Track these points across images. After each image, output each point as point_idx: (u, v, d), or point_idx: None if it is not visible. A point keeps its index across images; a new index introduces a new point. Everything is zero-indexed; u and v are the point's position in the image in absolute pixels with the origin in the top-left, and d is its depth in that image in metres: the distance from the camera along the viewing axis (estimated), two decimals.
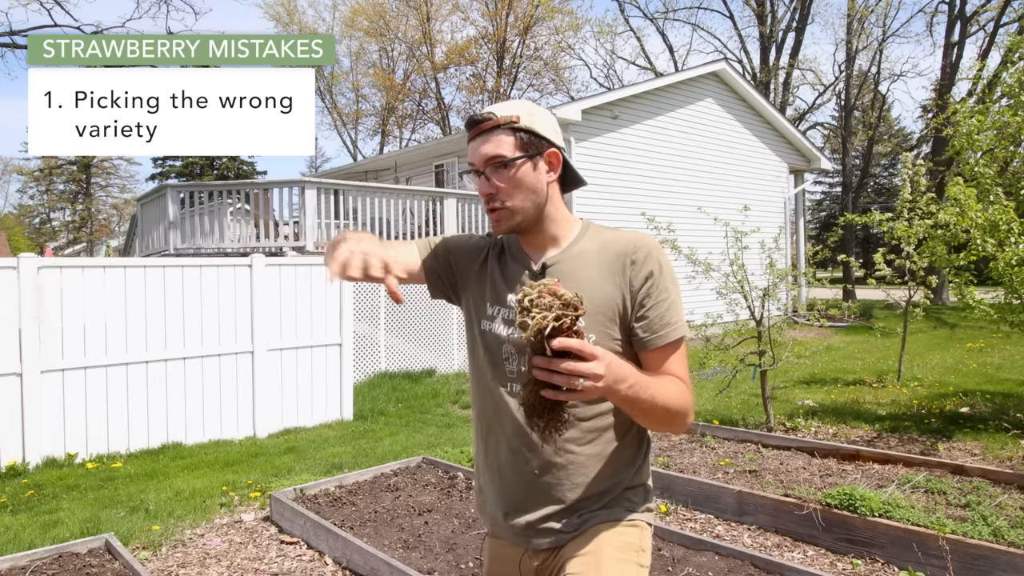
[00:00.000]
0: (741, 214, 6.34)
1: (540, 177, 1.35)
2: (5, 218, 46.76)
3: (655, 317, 1.31)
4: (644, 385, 1.16)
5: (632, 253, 1.33)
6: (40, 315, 5.14)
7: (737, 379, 6.54)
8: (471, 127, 1.35)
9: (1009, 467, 4.42)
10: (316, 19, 33.33)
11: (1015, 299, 5.41)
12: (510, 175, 1.32)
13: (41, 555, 3.23)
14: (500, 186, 1.32)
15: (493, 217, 1.36)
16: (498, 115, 1.32)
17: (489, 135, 1.33)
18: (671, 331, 1.31)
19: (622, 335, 1.32)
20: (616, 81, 30.14)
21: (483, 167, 1.33)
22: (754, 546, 3.51)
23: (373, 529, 3.63)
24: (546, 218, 1.38)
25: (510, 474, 1.38)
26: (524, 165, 1.33)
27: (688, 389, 1.29)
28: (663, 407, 1.21)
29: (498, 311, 1.39)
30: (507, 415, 1.37)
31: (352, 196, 9.64)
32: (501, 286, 1.41)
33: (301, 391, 6.51)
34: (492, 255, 1.46)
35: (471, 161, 1.36)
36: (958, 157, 6.12)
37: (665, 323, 1.31)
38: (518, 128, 1.33)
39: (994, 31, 20.61)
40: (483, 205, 1.39)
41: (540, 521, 1.35)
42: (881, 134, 34.80)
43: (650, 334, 1.31)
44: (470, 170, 1.38)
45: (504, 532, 1.42)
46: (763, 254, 5.91)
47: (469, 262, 1.47)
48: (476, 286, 1.45)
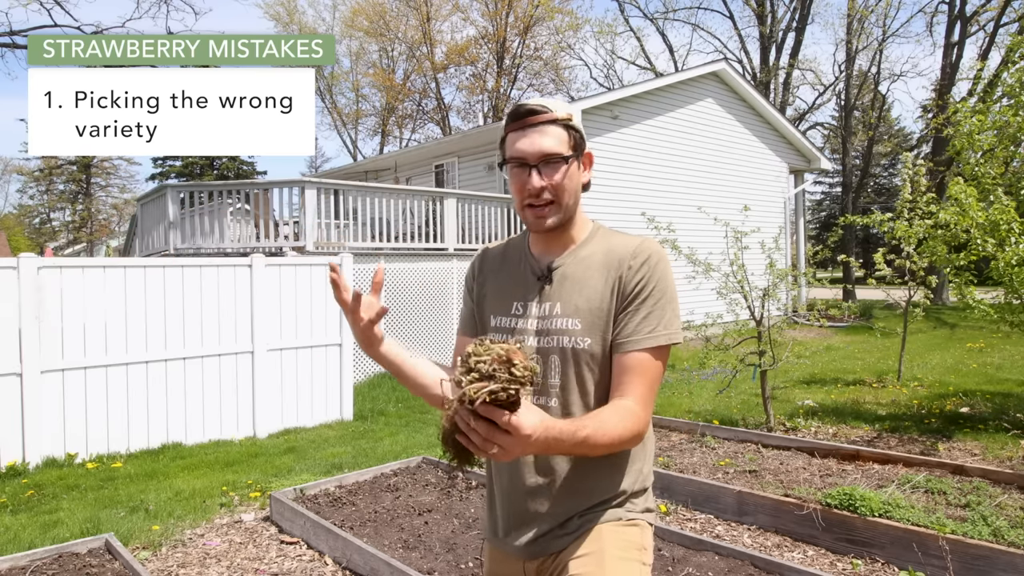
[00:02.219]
0: (741, 214, 6.34)
1: (580, 177, 1.36)
2: (5, 218, 46.76)
3: (635, 320, 1.28)
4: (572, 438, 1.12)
5: (632, 257, 1.31)
6: (40, 315, 5.14)
7: (737, 379, 6.54)
8: (523, 117, 1.30)
9: (1009, 467, 4.41)
10: (316, 19, 33.34)
11: (1015, 299, 5.40)
12: (564, 172, 1.30)
13: (41, 555, 3.23)
14: (555, 182, 1.29)
15: (537, 213, 1.32)
16: (554, 111, 1.30)
17: (545, 129, 1.29)
18: (649, 337, 1.26)
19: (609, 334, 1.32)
20: (616, 81, 30.17)
21: (538, 161, 1.28)
22: (754, 546, 3.51)
23: (373, 529, 3.62)
24: (572, 219, 1.37)
25: (510, 488, 1.37)
26: (574, 164, 1.32)
27: (634, 416, 1.22)
28: (594, 446, 1.17)
29: (502, 321, 1.39)
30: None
31: (352, 196, 9.64)
32: (507, 293, 1.41)
33: (301, 391, 6.50)
34: (485, 277, 1.47)
35: (519, 154, 1.30)
36: (958, 157, 6.12)
37: (643, 327, 1.27)
38: (571, 126, 1.31)
39: (994, 31, 20.62)
40: (520, 200, 1.33)
41: (542, 535, 1.34)
42: (881, 134, 34.79)
43: (624, 336, 1.28)
44: (510, 161, 1.32)
45: (506, 546, 1.41)
46: (763, 254, 5.91)
47: (472, 299, 1.50)
48: (483, 310, 1.46)
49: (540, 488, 1.34)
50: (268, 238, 9.49)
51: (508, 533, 1.39)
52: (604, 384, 1.31)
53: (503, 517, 1.40)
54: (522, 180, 1.31)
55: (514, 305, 1.38)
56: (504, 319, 1.39)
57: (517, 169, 1.31)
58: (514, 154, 1.30)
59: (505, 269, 1.44)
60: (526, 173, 1.30)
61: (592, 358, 1.30)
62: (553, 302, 1.35)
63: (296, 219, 9.86)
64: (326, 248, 8.95)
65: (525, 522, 1.36)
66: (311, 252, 8.66)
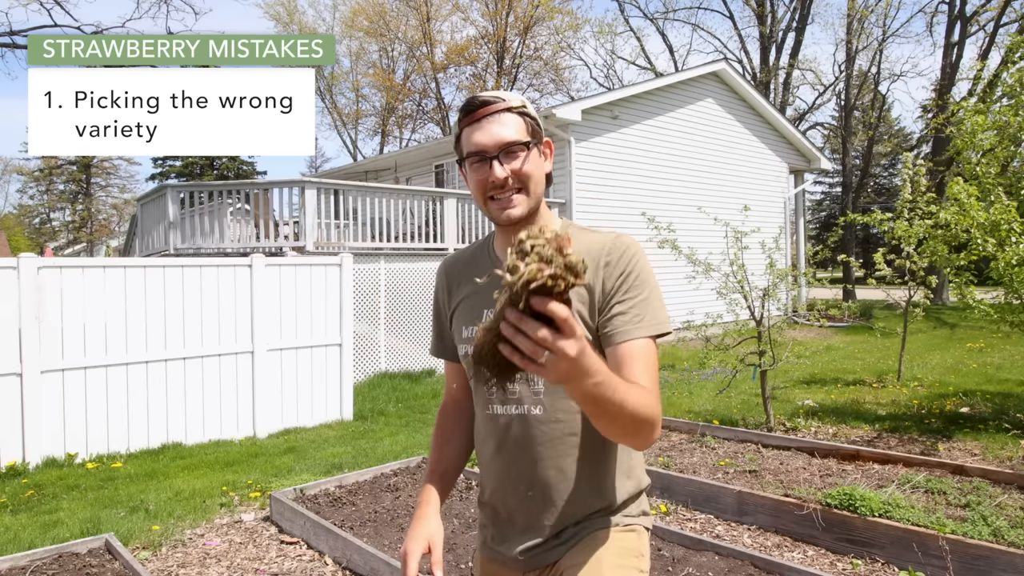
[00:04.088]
0: (741, 214, 6.34)
1: (544, 166, 1.32)
2: (5, 218, 46.75)
3: (618, 314, 1.23)
4: (613, 386, 1.00)
5: (607, 255, 1.26)
6: (40, 315, 5.14)
7: (737, 379, 6.53)
8: (476, 109, 1.26)
9: (1009, 467, 4.41)
10: (316, 19, 33.35)
11: (1015, 299, 5.40)
12: (525, 159, 1.26)
13: (41, 555, 3.23)
14: (518, 169, 1.26)
15: (502, 205, 1.27)
16: (507, 99, 1.27)
17: (500, 118, 1.25)
18: (631, 329, 1.22)
19: (591, 335, 1.26)
20: (616, 81, 30.17)
21: (498, 151, 1.25)
22: (754, 546, 3.50)
23: (373, 529, 3.62)
24: (537, 212, 1.32)
25: (503, 498, 1.35)
26: (534, 151, 1.29)
27: (656, 399, 1.16)
28: (631, 413, 1.05)
29: (472, 331, 1.32)
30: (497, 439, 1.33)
31: (352, 196, 9.64)
32: (477, 301, 1.35)
33: (301, 391, 6.50)
34: (454, 289, 1.43)
35: (478, 146, 1.25)
36: (959, 157, 6.12)
37: (630, 319, 1.22)
38: (526, 113, 1.29)
39: (994, 31, 20.61)
40: (482, 195, 1.29)
41: (538, 546, 1.32)
42: (881, 134, 34.79)
43: (609, 329, 1.23)
44: (469, 157, 1.28)
45: (501, 557, 1.38)
46: (763, 254, 5.91)
47: (444, 315, 1.45)
48: (454, 323, 1.42)
49: (534, 498, 1.31)
50: (268, 238, 9.49)
51: (502, 543, 1.36)
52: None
53: (497, 527, 1.38)
54: (483, 173, 1.26)
55: (484, 313, 1.32)
56: (474, 327, 1.35)
57: (477, 163, 1.27)
58: (472, 148, 1.26)
59: (473, 275, 1.36)
60: (487, 166, 1.25)
61: None
62: None
63: (296, 219, 9.87)
64: (326, 248, 8.95)
65: (520, 532, 1.33)
66: (311, 252, 8.66)
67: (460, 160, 1.32)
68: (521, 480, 1.32)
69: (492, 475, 1.37)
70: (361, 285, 8.68)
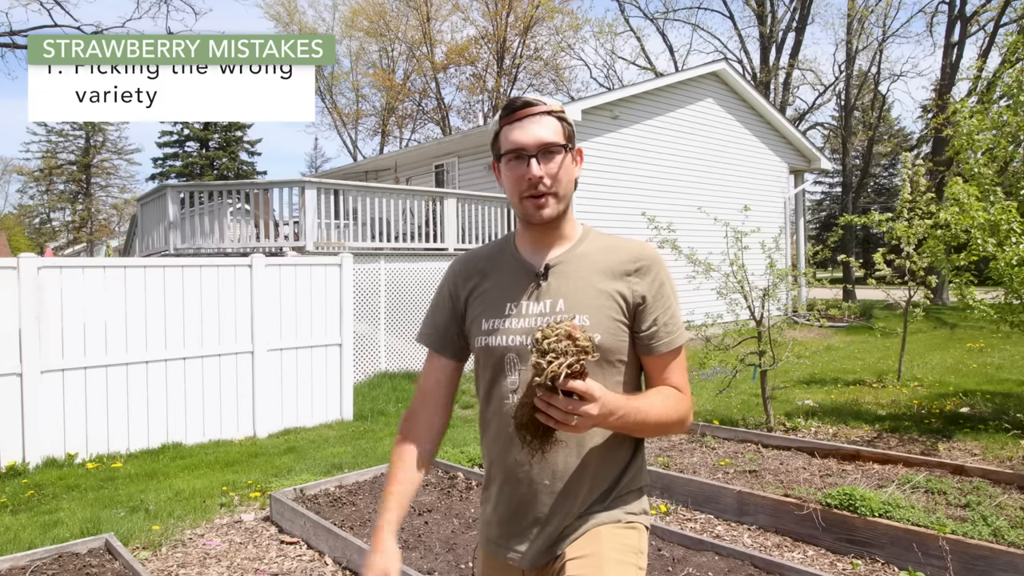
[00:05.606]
0: (741, 214, 6.33)
1: (574, 171, 1.38)
2: (5, 218, 46.76)
3: (661, 326, 1.35)
4: (633, 413, 1.22)
5: (635, 262, 1.36)
6: (40, 315, 5.14)
7: (737, 379, 6.53)
8: (518, 109, 1.31)
9: (1009, 467, 4.41)
10: (316, 19, 33.33)
11: (1015, 299, 5.40)
12: (561, 162, 1.31)
13: (41, 555, 3.23)
14: (553, 172, 1.30)
15: (537, 203, 1.31)
16: (548, 103, 1.33)
17: (540, 119, 1.31)
18: (674, 339, 1.36)
19: (627, 334, 1.34)
20: (616, 81, 30.16)
21: (537, 150, 1.29)
22: (754, 546, 3.50)
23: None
24: (565, 215, 1.38)
25: (508, 498, 1.37)
26: (568, 156, 1.34)
27: (686, 396, 1.36)
28: (655, 424, 1.29)
29: (495, 323, 1.36)
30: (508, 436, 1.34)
31: (352, 196, 9.64)
32: (499, 295, 1.39)
33: (301, 391, 6.50)
34: (473, 283, 1.44)
35: (517, 144, 1.30)
36: (958, 157, 6.12)
37: (669, 331, 1.36)
38: (564, 119, 1.34)
39: (994, 31, 20.62)
40: (518, 192, 1.32)
41: (543, 545, 1.34)
42: (881, 134, 34.81)
43: (655, 341, 1.35)
44: (507, 154, 1.32)
45: (505, 555, 1.39)
46: (763, 254, 5.91)
47: (456, 307, 1.46)
48: (469, 315, 1.43)
49: (539, 498, 1.33)
50: (268, 238, 9.48)
51: (507, 542, 1.38)
52: (611, 384, 1.30)
53: (501, 526, 1.39)
54: (520, 171, 1.30)
55: (507, 306, 1.37)
56: (497, 320, 1.37)
57: (515, 161, 1.31)
58: (511, 146, 1.31)
59: (495, 272, 1.42)
60: (524, 163, 1.30)
61: (609, 352, 1.30)
62: (555, 299, 1.33)
63: (296, 219, 9.87)
64: (326, 248, 8.95)
65: (524, 531, 1.35)
66: (311, 252, 8.66)
67: (497, 157, 1.37)
68: (529, 479, 1.33)
69: (504, 469, 1.37)
70: (361, 285, 8.68)
